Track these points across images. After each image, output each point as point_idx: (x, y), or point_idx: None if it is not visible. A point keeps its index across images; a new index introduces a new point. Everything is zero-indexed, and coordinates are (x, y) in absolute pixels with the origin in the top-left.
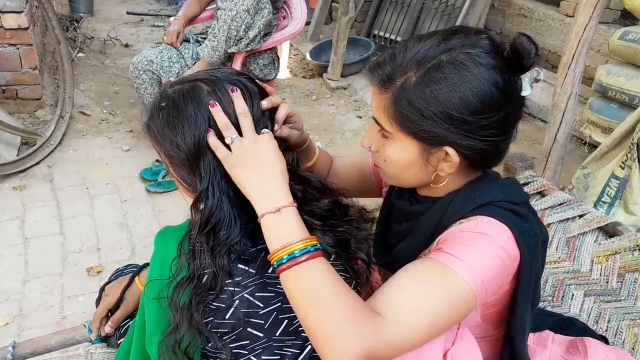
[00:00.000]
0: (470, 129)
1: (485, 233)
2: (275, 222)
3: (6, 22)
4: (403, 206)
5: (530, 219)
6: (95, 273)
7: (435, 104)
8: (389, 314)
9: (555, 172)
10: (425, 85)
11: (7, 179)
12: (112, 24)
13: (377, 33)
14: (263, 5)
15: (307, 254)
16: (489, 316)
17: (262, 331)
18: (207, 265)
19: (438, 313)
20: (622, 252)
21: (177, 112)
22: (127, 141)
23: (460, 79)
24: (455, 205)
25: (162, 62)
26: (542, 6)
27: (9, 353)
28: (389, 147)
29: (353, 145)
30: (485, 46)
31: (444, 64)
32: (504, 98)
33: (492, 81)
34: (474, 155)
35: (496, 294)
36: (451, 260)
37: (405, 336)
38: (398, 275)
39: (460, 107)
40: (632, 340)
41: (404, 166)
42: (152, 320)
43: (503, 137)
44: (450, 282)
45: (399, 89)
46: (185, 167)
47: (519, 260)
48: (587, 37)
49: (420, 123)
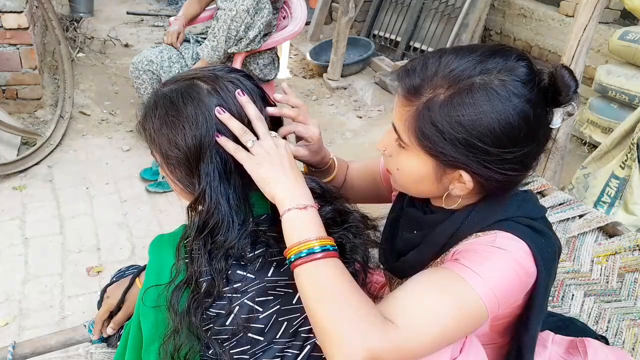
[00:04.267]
0: (490, 160)
1: (503, 248)
2: (300, 218)
3: (6, 22)
4: (415, 214)
5: (547, 235)
6: (95, 273)
7: (458, 129)
8: (399, 320)
9: (555, 172)
10: (452, 107)
11: (7, 179)
12: (112, 24)
13: (377, 33)
14: (263, 6)
15: (325, 252)
16: (497, 327)
17: (262, 335)
18: (204, 269)
19: (448, 324)
20: (622, 252)
21: (176, 112)
22: (127, 141)
23: (490, 107)
24: (472, 218)
25: (162, 62)
26: (542, 6)
27: (9, 353)
28: (403, 158)
29: (353, 145)
30: (522, 75)
31: (475, 87)
32: (531, 133)
33: (522, 115)
34: (488, 184)
35: (509, 308)
36: (467, 272)
37: (413, 344)
38: (411, 282)
39: (484, 137)
40: (632, 340)
41: (416, 180)
42: (148, 328)
43: (522, 172)
44: (464, 295)
45: (424, 105)
46: (183, 168)
47: (536, 277)
48: (587, 37)
49: (439, 145)
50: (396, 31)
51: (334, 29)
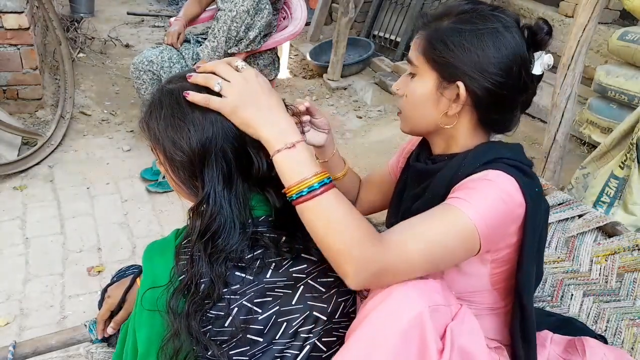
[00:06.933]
0: (482, 70)
1: (492, 180)
2: (292, 157)
3: (7, 22)
4: (420, 167)
5: (534, 178)
6: (95, 273)
7: (459, 38)
8: (393, 241)
9: (554, 172)
10: (455, 24)
11: (8, 179)
12: (113, 25)
13: (377, 33)
14: (263, 6)
15: (324, 186)
16: (497, 278)
17: (261, 336)
18: (204, 273)
19: (435, 242)
20: (622, 252)
21: (182, 114)
22: (127, 141)
23: (484, 26)
24: (467, 161)
25: (163, 63)
26: (541, 6)
27: (10, 353)
28: (412, 84)
29: (353, 146)
30: (510, 14)
31: (474, 16)
32: (516, 56)
33: (508, 36)
34: (481, 97)
35: (504, 245)
36: (457, 201)
37: (401, 259)
38: (411, 218)
39: (477, 44)
40: (631, 340)
41: (421, 101)
42: (143, 340)
43: (506, 86)
44: (453, 218)
45: (434, 27)
46: (186, 170)
47: (525, 209)
48: (586, 37)
49: (443, 52)
50: (396, 31)
51: (334, 30)
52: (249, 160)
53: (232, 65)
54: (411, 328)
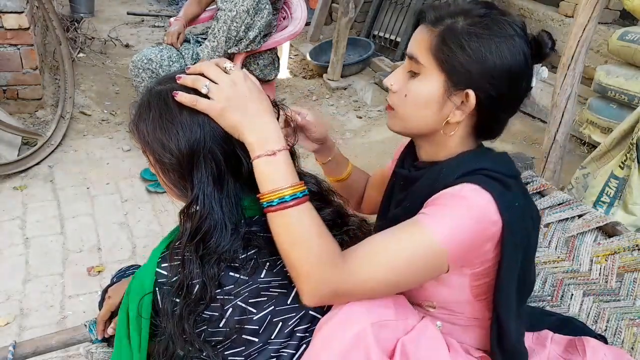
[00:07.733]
0: (492, 76)
1: (465, 196)
2: (270, 164)
3: (7, 22)
4: (403, 174)
5: (515, 191)
6: (95, 273)
7: (476, 42)
8: (356, 262)
9: (554, 172)
10: (471, 27)
11: (7, 179)
12: (113, 25)
13: (377, 33)
14: (263, 6)
15: (296, 199)
16: (478, 290)
17: (257, 336)
18: (195, 275)
19: (397, 263)
20: (621, 251)
21: (170, 116)
22: (127, 141)
23: (501, 33)
24: (446, 171)
25: (162, 62)
26: (541, 7)
27: (10, 353)
28: (414, 83)
29: (353, 146)
30: (519, 23)
31: (490, 22)
32: (523, 67)
33: (519, 46)
34: (485, 105)
35: (480, 262)
36: (425, 218)
37: (359, 281)
38: (378, 233)
39: (494, 52)
40: (631, 339)
41: (423, 104)
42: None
43: (511, 97)
44: (419, 237)
45: (447, 27)
46: (176, 172)
47: (501, 227)
48: (586, 37)
49: (456, 56)
50: (396, 31)
51: (334, 30)
52: (238, 162)
53: (221, 67)
54: (352, 348)
